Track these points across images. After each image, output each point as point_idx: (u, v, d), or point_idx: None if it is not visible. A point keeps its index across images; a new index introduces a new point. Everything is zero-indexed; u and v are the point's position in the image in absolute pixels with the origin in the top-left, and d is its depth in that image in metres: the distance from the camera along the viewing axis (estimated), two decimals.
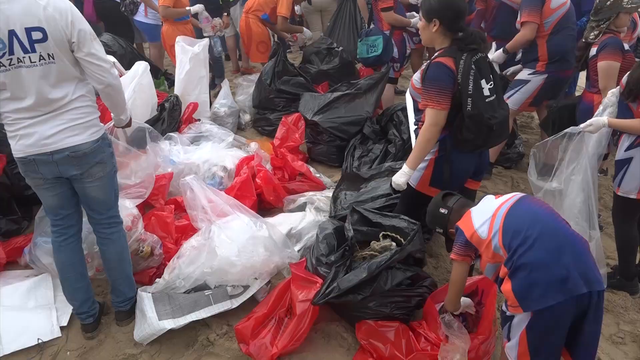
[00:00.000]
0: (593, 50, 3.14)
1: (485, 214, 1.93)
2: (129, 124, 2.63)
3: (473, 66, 2.21)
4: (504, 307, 1.89)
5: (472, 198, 2.60)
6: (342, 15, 5.44)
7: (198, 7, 5.18)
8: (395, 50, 4.66)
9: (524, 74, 3.73)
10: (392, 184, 2.47)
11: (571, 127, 2.78)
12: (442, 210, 2.12)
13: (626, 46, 3.10)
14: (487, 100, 2.27)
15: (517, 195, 1.98)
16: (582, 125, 2.73)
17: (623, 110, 2.67)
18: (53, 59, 2.06)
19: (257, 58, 5.62)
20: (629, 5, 3.01)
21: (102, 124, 2.34)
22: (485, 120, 2.23)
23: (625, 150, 2.68)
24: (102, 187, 2.35)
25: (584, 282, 1.69)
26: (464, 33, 2.24)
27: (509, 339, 1.88)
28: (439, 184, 2.43)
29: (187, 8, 5.07)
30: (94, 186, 2.32)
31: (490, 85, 2.29)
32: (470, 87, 2.20)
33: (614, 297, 2.81)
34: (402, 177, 2.43)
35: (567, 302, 1.68)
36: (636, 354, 2.49)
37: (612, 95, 2.77)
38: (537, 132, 4.78)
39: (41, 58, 2.04)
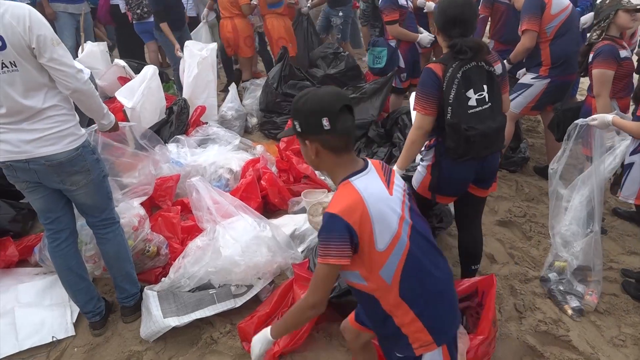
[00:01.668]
0: (591, 57, 3.15)
1: (386, 219, 1.49)
2: (115, 128, 2.58)
3: (459, 75, 2.19)
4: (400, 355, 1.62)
5: (479, 206, 2.59)
6: (297, 31, 5.71)
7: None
8: (402, 60, 4.56)
9: (527, 78, 3.75)
10: None
11: (579, 119, 2.82)
12: (326, 123, 1.48)
13: (624, 53, 3.08)
14: (470, 111, 2.22)
15: (409, 205, 1.60)
16: (588, 118, 2.77)
17: (637, 116, 2.69)
18: (15, 66, 2.03)
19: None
20: (629, 4, 3.00)
21: (82, 132, 2.31)
22: (462, 130, 2.21)
23: (629, 155, 2.71)
24: (89, 194, 2.36)
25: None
26: (454, 41, 2.22)
27: None
28: (434, 189, 2.46)
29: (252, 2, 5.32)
30: (80, 193, 2.33)
31: (479, 95, 2.24)
32: (451, 96, 2.20)
33: (615, 300, 2.82)
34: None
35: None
36: (637, 356, 2.48)
37: None
38: (543, 137, 4.78)
39: (4, 66, 2.02)
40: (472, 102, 2.23)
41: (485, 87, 2.25)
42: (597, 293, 2.76)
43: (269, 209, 3.55)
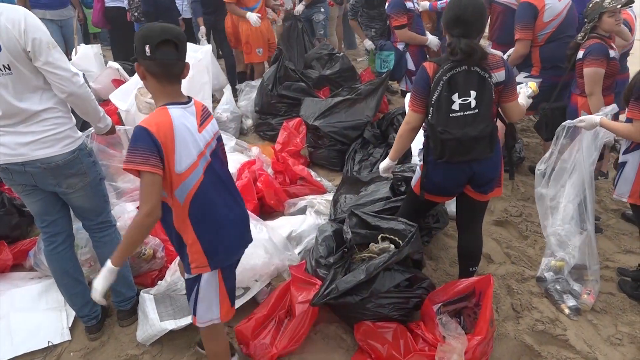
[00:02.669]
0: (580, 54, 3.18)
1: (188, 147, 1.73)
2: (111, 131, 2.54)
3: (445, 78, 2.19)
4: (187, 275, 1.92)
5: (478, 210, 2.57)
6: (292, 34, 5.62)
7: None
8: (411, 62, 4.51)
9: (520, 77, 3.77)
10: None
11: (567, 121, 2.82)
12: (147, 50, 1.69)
13: (612, 53, 3.10)
14: (451, 115, 2.21)
15: (213, 148, 1.86)
16: (575, 120, 2.77)
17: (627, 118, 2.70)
18: (9, 69, 2.02)
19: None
20: (610, 5, 3.03)
21: (78, 134, 2.30)
22: (437, 133, 2.23)
23: (622, 154, 2.73)
24: (85, 197, 2.34)
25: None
26: (451, 41, 2.22)
27: (195, 300, 1.93)
28: (423, 187, 2.49)
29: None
30: (77, 196, 2.32)
31: (464, 101, 2.20)
32: (434, 97, 2.22)
33: (612, 299, 2.83)
34: (383, 164, 2.66)
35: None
36: (634, 355, 2.49)
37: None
38: (538, 136, 4.80)
39: None
40: (455, 107, 2.21)
41: (473, 93, 2.21)
42: (594, 293, 2.77)
43: (265, 211, 3.54)
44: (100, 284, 1.72)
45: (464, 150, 2.25)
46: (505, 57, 3.87)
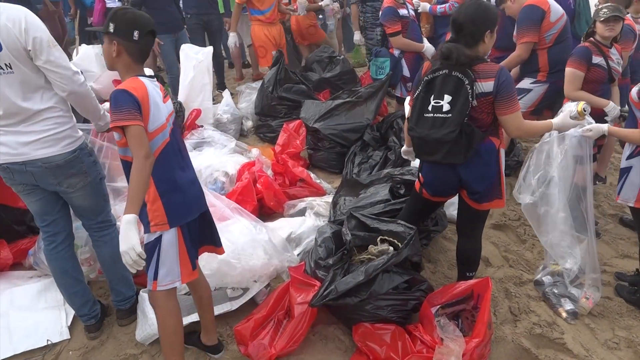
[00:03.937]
0: None
1: (159, 110, 1.93)
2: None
3: (426, 78, 2.25)
4: (147, 239, 1.99)
5: (474, 217, 2.54)
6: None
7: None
8: (406, 69, 4.50)
9: (525, 83, 3.75)
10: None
11: (572, 130, 2.67)
12: (135, 34, 1.92)
13: (596, 60, 3.13)
14: (425, 115, 2.26)
15: (172, 120, 2.04)
16: (580, 130, 2.67)
17: (633, 120, 2.70)
18: (11, 68, 2.03)
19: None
20: (604, 17, 3.08)
21: (79, 134, 2.31)
22: (408, 129, 2.37)
23: (626, 159, 2.72)
24: (86, 196, 2.35)
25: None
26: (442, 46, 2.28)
27: (157, 264, 2.00)
28: (422, 185, 2.53)
29: None
30: (77, 196, 2.33)
31: (436, 103, 2.22)
32: (414, 94, 2.33)
33: (609, 303, 2.84)
34: (402, 148, 2.88)
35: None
36: (631, 359, 2.51)
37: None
38: (537, 140, 4.80)
39: None
40: (430, 107, 2.27)
41: (447, 97, 2.21)
42: (594, 299, 2.78)
43: (265, 212, 3.55)
44: (128, 240, 1.71)
45: (429, 150, 2.31)
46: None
